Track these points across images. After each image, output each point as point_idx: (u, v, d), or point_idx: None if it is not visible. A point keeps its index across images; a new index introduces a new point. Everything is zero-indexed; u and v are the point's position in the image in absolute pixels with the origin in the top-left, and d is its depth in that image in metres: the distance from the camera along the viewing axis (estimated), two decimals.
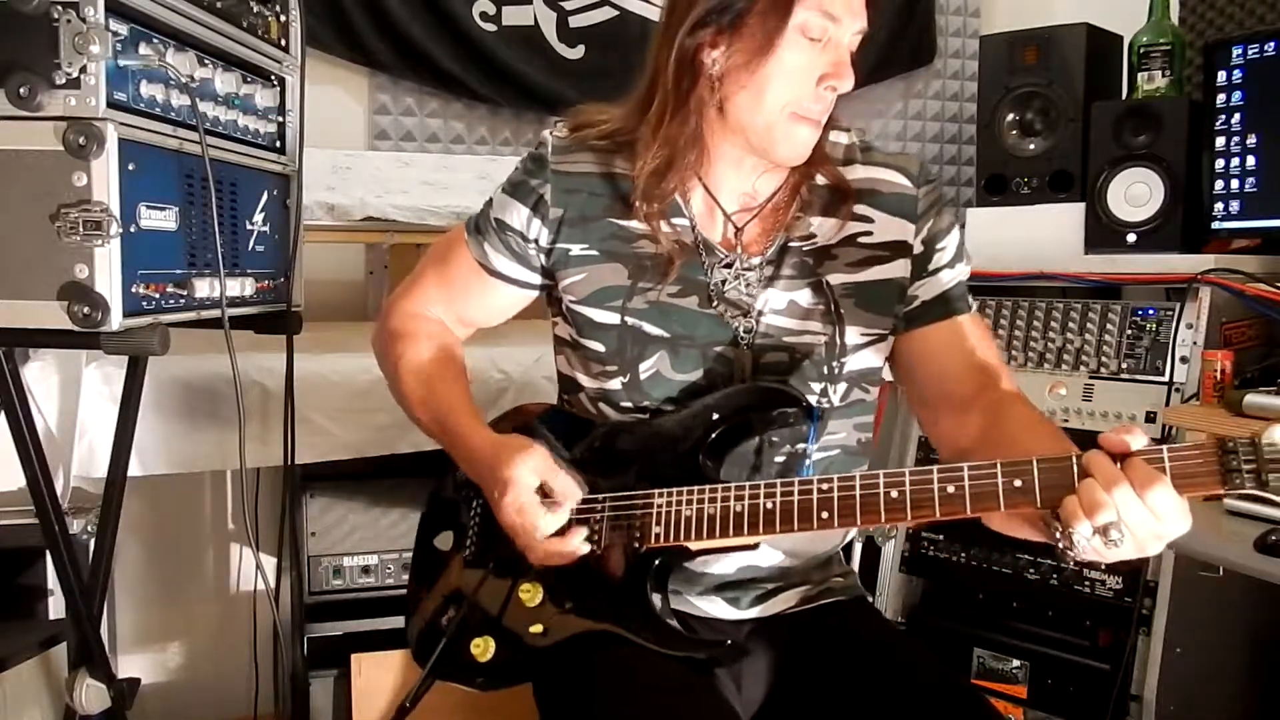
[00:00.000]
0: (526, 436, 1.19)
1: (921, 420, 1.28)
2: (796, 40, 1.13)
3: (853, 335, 1.22)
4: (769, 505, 1.06)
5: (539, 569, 1.17)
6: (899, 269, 1.23)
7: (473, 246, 1.32)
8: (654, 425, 1.22)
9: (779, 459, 1.23)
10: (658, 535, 1.11)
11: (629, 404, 1.24)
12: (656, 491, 1.12)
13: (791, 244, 1.24)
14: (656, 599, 1.13)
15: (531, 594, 1.18)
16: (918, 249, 1.23)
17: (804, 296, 1.23)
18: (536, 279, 1.31)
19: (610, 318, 1.24)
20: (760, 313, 1.22)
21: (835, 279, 1.22)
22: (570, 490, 1.13)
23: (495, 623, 1.19)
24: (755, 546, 1.15)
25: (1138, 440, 0.91)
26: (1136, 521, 0.88)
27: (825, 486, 1.04)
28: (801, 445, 1.24)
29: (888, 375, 1.31)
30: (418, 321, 1.36)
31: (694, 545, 1.11)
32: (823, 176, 1.24)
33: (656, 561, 1.13)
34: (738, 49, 1.15)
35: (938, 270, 1.23)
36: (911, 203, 1.24)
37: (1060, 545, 0.94)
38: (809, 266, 1.23)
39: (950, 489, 0.97)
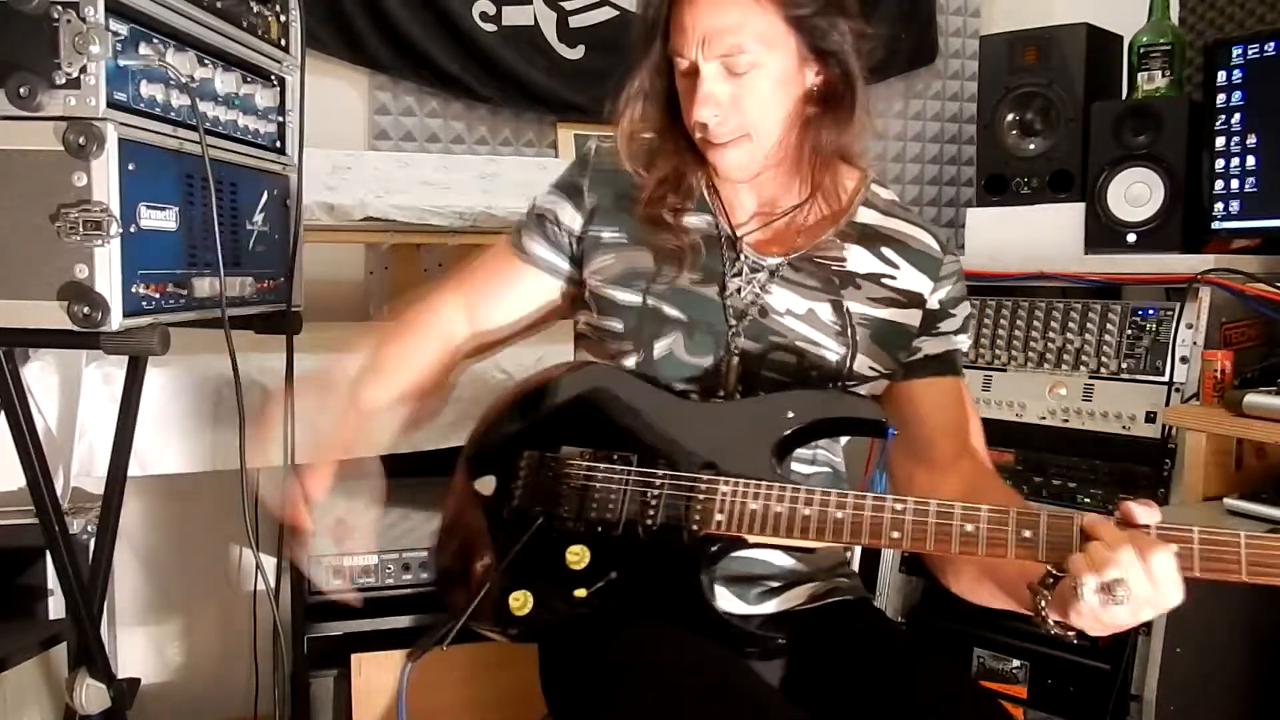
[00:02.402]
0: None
1: (895, 475, 1.31)
2: (678, 74, 1.21)
3: (861, 364, 1.26)
4: (839, 515, 1.06)
5: (585, 533, 1.16)
6: (913, 318, 1.29)
7: (511, 239, 1.39)
8: (719, 408, 1.23)
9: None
10: (719, 523, 1.11)
11: None
12: (722, 480, 1.13)
13: (819, 259, 1.28)
14: (705, 580, 1.13)
15: (579, 557, 1.16)
16: (932, 305, 1.29)
17: (824, 311, 1.27)
18: (566, 266, 1.35)
19: (633, 298, 1.27)
20: (774, 311, 1.26)
21: (855, 307, 1.27)
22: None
23: (537, 580, 1.17)
24: (813, 551, 1.15)
25: (1154, 515, 0.94)
26: (1136, 582, 0.90)
27: (899, 507, 1.04)
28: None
29: None
30: (421, 313, 1.39)
31: (752, 538, 1.11)
32: (860, 216, 1.30)
33: (714, 547, 1.13)
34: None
35: (946, 333, 1.30)
36: (936, 264, 1.30)
37: (1043, 609, 0.96)
38: (834, 285, 1.27)
39: (1027, 534, 0.99)
